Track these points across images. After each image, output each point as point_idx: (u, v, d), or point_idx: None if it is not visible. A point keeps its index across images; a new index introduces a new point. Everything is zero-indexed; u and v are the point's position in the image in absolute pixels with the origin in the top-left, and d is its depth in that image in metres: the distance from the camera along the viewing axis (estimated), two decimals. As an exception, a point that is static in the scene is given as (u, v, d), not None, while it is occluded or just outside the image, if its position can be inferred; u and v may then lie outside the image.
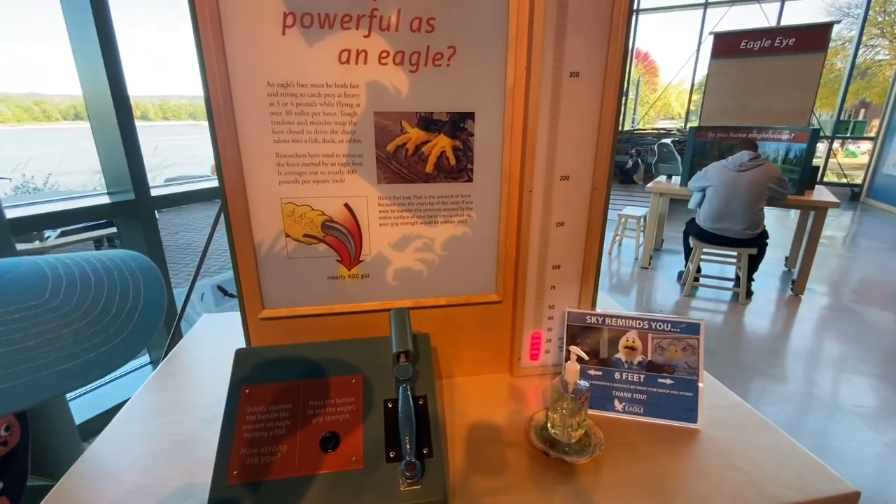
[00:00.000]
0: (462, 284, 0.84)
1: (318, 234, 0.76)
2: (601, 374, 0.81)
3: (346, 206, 0.75)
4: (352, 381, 0.65)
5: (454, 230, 0.80)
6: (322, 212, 0.75)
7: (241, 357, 0.67)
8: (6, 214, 1.38)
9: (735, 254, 3.52)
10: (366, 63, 0.68)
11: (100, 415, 1.90)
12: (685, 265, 3.73)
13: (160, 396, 0.86)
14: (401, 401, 0.60)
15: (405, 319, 0.69)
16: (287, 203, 0.73)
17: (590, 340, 0.82)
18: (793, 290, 3.66)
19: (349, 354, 0.69)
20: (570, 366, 0.69)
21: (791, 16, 8.18)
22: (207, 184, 2.27)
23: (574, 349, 0.71)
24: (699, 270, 3.75)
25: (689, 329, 0.79)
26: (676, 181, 4.21)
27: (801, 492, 0.64)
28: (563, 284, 0.86)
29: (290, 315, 0.79)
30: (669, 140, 7.76)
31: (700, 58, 9.16)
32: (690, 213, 3.61)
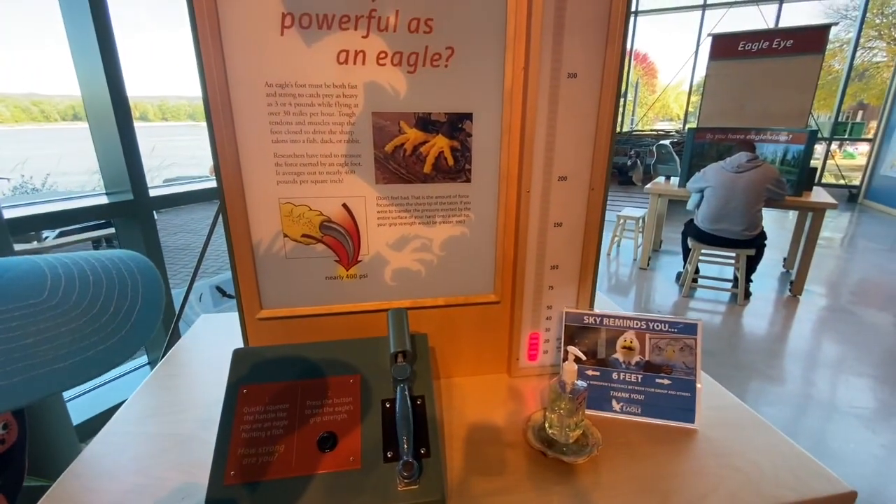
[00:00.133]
0: (460, 285, 0.84)
1: (317, 235, 0.76)
2: (599, 375, 0.81)
3: (345, 207, 0.75)
4: (349, 381, 0.66)
5: (452, 230, 0.80)
6: (320, 212, 0.75)
7: (239, 357, 0.67)
8: (4, 215, 1.38)
9: (733, 255, 3.52)
10: (364, 63, 0.68)
11: (98, 415, 1.90)
12: (684, 266, 3.74)
13: (158, 396, 0.86)
14: (398, 401, 0.60)
15: (403, 319, 0.69)
16: (285, 203, 0.73)
17: (587, 341, 0.82)
18: (791, 291, 3.67)
19: (347, 354, 0.69)
20: (568, 366, 0.70)
21: (789, 17, 8.23)
22: (206, 184, 2.27)
23: (572, 349, 0.72)
24: (698, 271, 3.75)
25: (687, 329, 0.79)
26: (675, 182, 4.22)
27: (799, 492, 0.64)
28: (561, 285, 0.86)
29: (288, 315, 0.79)
30: (668, 141, 7.76)
31: (698, 59, 9.19)
32: (689, 214, 3.62)
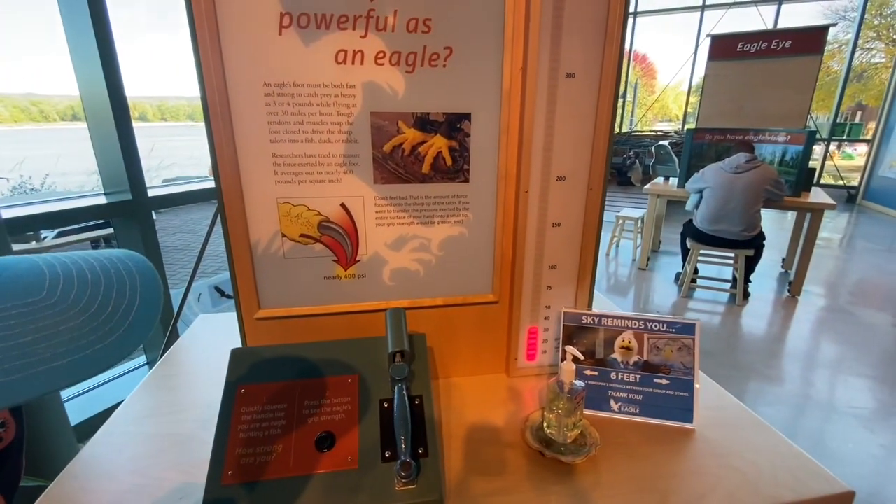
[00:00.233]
0: (458, 284, 0.84)
1: (315, 234, 0.76)
2: (597, 375, 0.81)
3: (343, 206, 0.75)
4: (348, 381, 0.65)
5: (451, 230, 0.80)
6: (318, 212, 0.75)
7: (237, 357, 0.67)
8: (3, 214, 1.38)
9: (732, 255, 3.53)
10: (362, 63, 0.68)
11: (96, 416, 1.90)
12: (682, 266, 3.74)
13: (156, 396, 0.86)
14: (396, 401, 0.60)
15: (401, 319, 0.69)
16: (283, 203, 0.73)
17: (586, 340, 0.83)
18: (789, 292, 3.67)
19: (345, 354, 0.69)
20: (566, 366, 0.70)
21: (787, 18, 8.25)
22: (204, 184, 2.27)
23: (570, 349, 0.71)
24: (696, 272, 3.76)
25: (685, 329, 0.79)
26: (674, 183, 4.22)
27: (797, 492, 0.64)
28: (560, 285, 0.86)
29: (287, 315, 0.78)
30: (667, 142, 7.79)
31: (697, 60, 9.21)
32: (688, 215, 3.62)
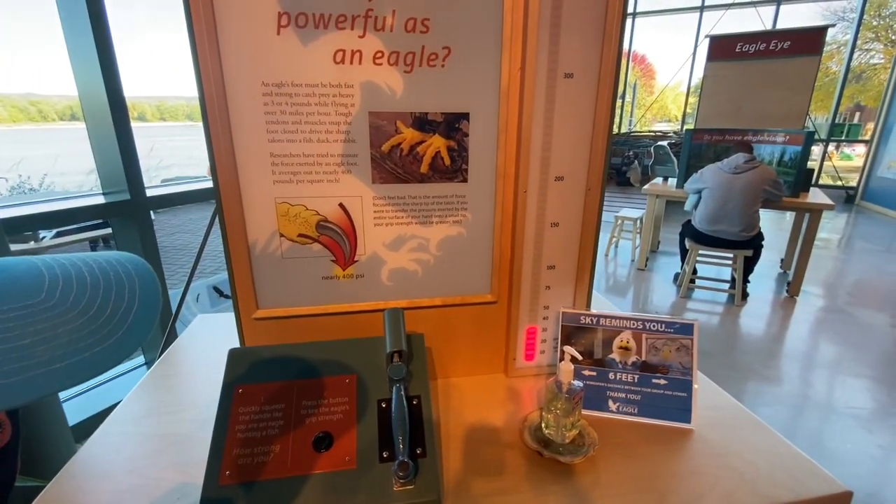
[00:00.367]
0: (457, 284, 0.84)
1: (313, 234, 0.76)
2: (595, 375, 0.81)
3: (341, 206, 0.75)
4: (345, 381, 0.65)
5: (449, 230, 0.80)
6: (316, 212, 0.75)
7: (235, 357, 0.67)
8: (1, 214, 1.38)
9: (731, 256, 3.53)
10: (360, 63, 0.68)
11: (94, 416, 1.89)
12: (681, 267, 3.75)
13: (154, 397, 0.86)
14: (394, 401, 0.60)
15: (399, 319, 0.69)
16: (281, 203, 0.73)
17: (584, 341, 0.83)
18: (788, 292, 3.68)
19: (343, 354, 0.69)
20: (565, 366, 0.69)
21: (786, 19, 8.25)
22: (203, 184, 2.27)
23: (568, 349, 0.71)
24: (695, 272, 3.76)
25: (683, 329, 0.79)
26: (673, 183, 4.23)
27: (795, 492, 0.64)
28: (558, 285, 0.86)
29: (285, 315, 0.78)
30: (666, 142, 7.79)
31: (696, 61, 9.21)
32: (686, 215, 3.63)
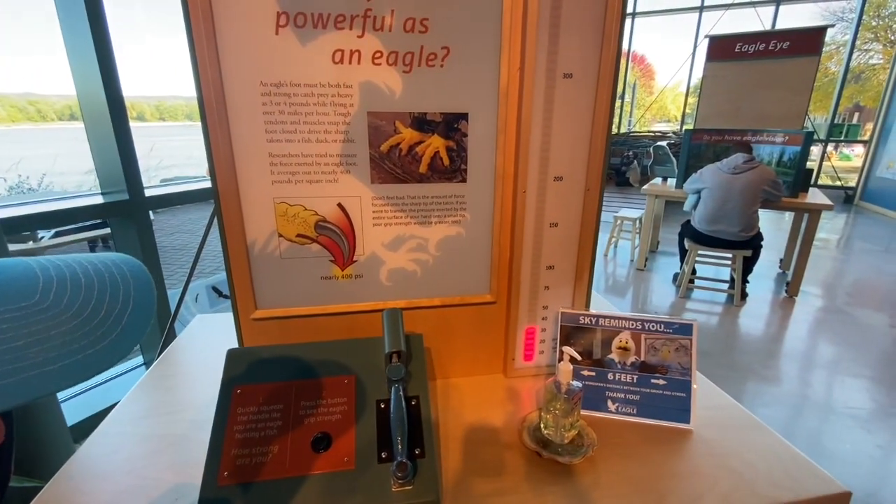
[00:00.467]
0: (456, 285, 0.84)
1: (312, 234, 0.76)
2: (594, 375, 0.81)
3: (340, 206, 0.75)
4: (344, 382, 0.65)
5: (448, 230, 0.80)
6: (315, 212, 0.75)
7: (233, 357, 0.67)
8: (-2, 214, 1.37)
9: (730, 256, 3.53)
10: (359, 63, 0.68)
11: (93, 416, 1.89)
12: (680, 267, 3.75)
13: (152, 397, 0.86)
14: (393, 401, 0.60)
15: (398, 319, 0.69)
16: (280, 203, 0.73)
17: (583, 341, 0.82)
18: (787, 292, 3.68)
19: (342, 355, 0.68)
20: (564, 366, 0.69)
21: (786, 20, 8.27)
22: (201, 184, 2.26)
23: (567, 350, 0.71)
24: (694, 272, 3.76)
25: (682, 330, 0.79)
26: (672, 183, 4.23)
27: (794, 492, 0.64)
28: (557, 285, 0.86)
29: (283, 315, 0.78)
30: (665, 142, 7.79)
31: (696, 61, 9.22)
32: (686, 216, 3.63)
